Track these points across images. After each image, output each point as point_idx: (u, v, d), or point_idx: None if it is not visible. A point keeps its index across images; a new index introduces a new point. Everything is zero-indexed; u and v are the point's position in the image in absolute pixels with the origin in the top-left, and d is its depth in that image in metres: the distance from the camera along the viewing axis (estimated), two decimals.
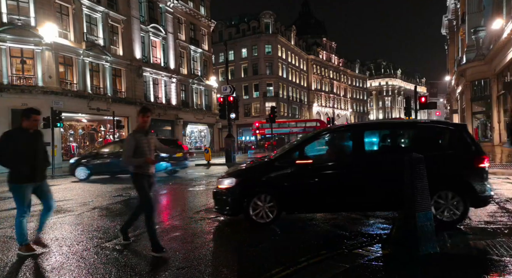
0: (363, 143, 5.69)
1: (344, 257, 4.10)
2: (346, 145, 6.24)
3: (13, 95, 21.48)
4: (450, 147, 5.74)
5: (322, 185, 5.52)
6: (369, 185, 5.42)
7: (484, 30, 20.79)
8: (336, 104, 79.83)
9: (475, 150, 5.41)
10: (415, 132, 6.14)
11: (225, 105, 20.74)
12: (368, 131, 6.04)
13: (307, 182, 5.51)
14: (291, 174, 5.52)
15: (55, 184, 13.39)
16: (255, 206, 5.49)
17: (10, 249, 4.84)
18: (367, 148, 5.84)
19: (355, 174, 5.47)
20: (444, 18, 39.51)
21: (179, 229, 5.76)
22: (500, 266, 3.57)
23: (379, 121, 9.05)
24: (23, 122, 4.42)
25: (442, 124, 6.45)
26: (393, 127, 6.34)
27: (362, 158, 5.61)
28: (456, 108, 34.10)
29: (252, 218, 5.48)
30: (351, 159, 5.68)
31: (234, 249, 4.68)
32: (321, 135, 6.17)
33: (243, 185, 5.64)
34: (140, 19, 30.90)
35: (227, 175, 5.96)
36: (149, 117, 4.73)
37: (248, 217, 5.51)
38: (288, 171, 5.56)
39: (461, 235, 4.87)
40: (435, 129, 6.11)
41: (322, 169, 5.61)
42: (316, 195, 5.53)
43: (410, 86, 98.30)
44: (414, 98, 21.78)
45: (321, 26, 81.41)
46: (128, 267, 4.02)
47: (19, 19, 21.94)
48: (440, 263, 3.73)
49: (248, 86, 58.85)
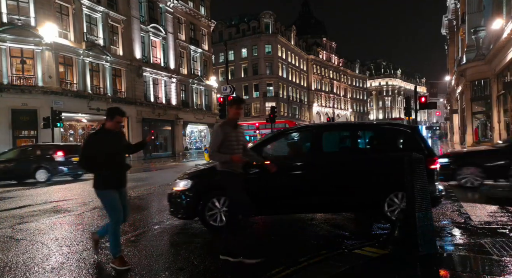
0: (321, 144, 5.73)
1: (344, 257, 4.09)
2: (305, 145, 6.19)
3: (13, 95, 21.48)
4: (405, 148, 5.87)
5: (280, 186, 5.38)
6: (327, 186, 5.43)
7: (484, 30, 20.78)
8: (336, 104, 79.84)
9: (427, 151, 5.53)
10: (372, 133, 6.19)
11: (225, 105, 20.74)
12: (326, 133, 6.07)
13: (265, 184, 5.32)
14: (250, 175, 5.25)
15: (55, 184, 13.39)
16: (211, 209, 5.32)
17: (10, 249, 4.83)
18: (326, 149, 5.84)
19: (313, 175, 5.43)
20: (444, 18, 39.49)
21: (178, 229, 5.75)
22: (500, 266, 3.57)
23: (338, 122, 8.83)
24: (106, 123, 4.05)
25: (398, 126, 6.65)
26: (350, 129, 6.35)
27: (320, 158, 5.58)
28: (456, 108, 34.08)
29: (208, 221, 5.30)
30: (309, 160, 5.60)
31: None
32: (282, 135, 6.10)
33: (199, 187, 5.43)
34: (140, 19, 30.90)
35: (184, 177, 5.72)
36: (242, 110, 4.38)
37: (204, 220, 5.33)
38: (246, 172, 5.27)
39: (461, 235, 4.87)
40: (391, 131, 6.23)
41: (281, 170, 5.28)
42: (274, 197, 5.39)
43: (410, 86, 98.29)
44: (414, 98, 21.77)
45: (321, 26, 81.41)
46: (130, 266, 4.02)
47: (19, 19, 21.95)
48: (440, 263, 3.73)
49: (248, 86, 58.86)
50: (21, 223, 6.45)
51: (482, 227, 5.18)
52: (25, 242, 5.18)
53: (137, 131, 29.92)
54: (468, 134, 23.94)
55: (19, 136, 22.47)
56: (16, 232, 5.83)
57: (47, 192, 10.84)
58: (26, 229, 5.96)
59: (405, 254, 3.92)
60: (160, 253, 4.50)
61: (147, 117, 31.23)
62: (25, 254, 4.61)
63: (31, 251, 4.73)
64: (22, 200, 9.38)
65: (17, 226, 6.22)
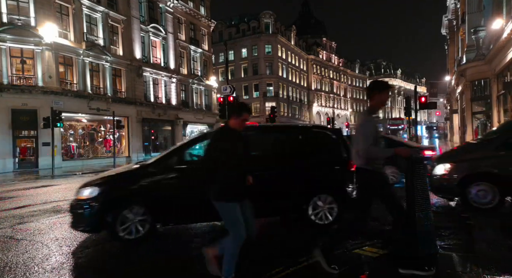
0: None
1: (344, 257, 4.10)
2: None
3: (13, 95, 21.46)
4: (328, 151, 5.93)
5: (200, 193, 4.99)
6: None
7: (484, 30, 20.77)
8: (336, 104, 79.85)
9: (347, 154, 5.58)
10: (294, 136, 6.11)
11: (225, 105, 20.73)
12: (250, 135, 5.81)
13: (186, 190, 4.91)
14: (169, 181, 4.95)
15: (55, 184, 13.40)
16: (123, 220, 4.71)
17: (10, 249, 4.83)
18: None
19: None
20: (444, 18, 39.49)
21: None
22: (499, 265, 3.57)
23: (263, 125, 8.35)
24: (231, 120, 3.45)
25: (322, 129, 6.70)
26: (276, 131, 6.18)
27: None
28: (456, 108, 34.07)
29: (119, 235, 4.70)
30: None
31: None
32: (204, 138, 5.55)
33: (108, 195, 4.85)
34: (140, 19, 30.89)
35: (89, 183, 5.10)
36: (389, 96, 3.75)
37: (114, 233, 4.73)
38: (165, 177, 4.99)
39: (461, 235, 4.87)
40: (316, 134, 6.24)
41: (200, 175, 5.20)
42: (196, 204, 4.83)
43: (410, 86, 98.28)
44: (414, 98, 21.77)
45: (321, 26, 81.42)
46: (130, 266, 4.02)
47: (19, 19, 21.93)
48: (440, 263, 3.73)
49: (248, 86, 58.87)
50: (21, 223, 6.45)
51: (483, 227, 5.15)
52: (25, 242, 5.18)
53: (137, 131, 29.92)
54: (468, 134, 23.94)
55: (19, 136, 22.46)
56: (16, 232, 5.83)
57: (47, 192, 10.84)
58: (26, 229, 5.96)
59: (405, 254, 3.92)
60: None
61: (147, 117, 31.22)
62: (25, 254, 4.61)
63: (31, 251, 4.73)
64: (22, 200, 9.38)
65: (17, 226, 6.22)
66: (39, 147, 22.06)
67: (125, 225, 4.72)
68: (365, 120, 3.61)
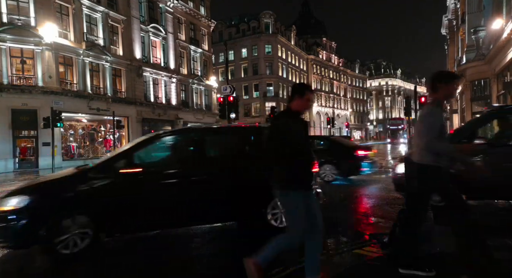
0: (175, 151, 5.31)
1: (344, 257, 4.10)
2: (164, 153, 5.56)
3: (13, 95, 21.47)
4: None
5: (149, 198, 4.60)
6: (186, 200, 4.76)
7: (484, 30, 20.78)
8: (336, 104, 79.84)
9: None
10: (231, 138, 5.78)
11: (225, 105, 20.72)
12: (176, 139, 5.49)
13: (133, 196, 4.53)
14: (114, 186, 4.49)
15: None
16: (60, 232, 4.14)
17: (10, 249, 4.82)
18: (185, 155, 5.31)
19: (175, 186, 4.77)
20: (444, 18, 39.51)
21: None
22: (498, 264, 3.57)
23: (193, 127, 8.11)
24: (294, 101, 3.13)
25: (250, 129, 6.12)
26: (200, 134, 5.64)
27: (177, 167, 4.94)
28: (456, 108, 34.08)
29: (56, 249, 4.13)
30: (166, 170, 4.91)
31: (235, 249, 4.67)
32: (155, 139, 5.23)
33: (42, 204, 4.23)
34: (140, 19, 30.89)
35: (17, 191, 4.44)
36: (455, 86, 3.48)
37: (50, 247, 4.16)
38: (109, 182, 4.50)
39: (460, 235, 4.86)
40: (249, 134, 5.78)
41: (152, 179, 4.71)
42: (144, 212, 4.55)
43: (410, 86, 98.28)
44: (414, 98, 21.81)
45: (321, 26, 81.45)
46: (130, 266, 4.02)
47: (19, 19, 21.94)
48: (440, 263, 3.73)
49: (248, 86, 58.89)
50: None
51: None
52: None
53: (137, 131, 29.92)
54: None
55: (19, 136, 22.48)
56: None
57: None
58: None
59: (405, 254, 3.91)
60: None
61: (147, 117, 31.24)
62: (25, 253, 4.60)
63: (31, 250, 4.72)
64: None
65: None
66: (39, 147, 22.08)
67: (63, 237, 4.15)
68: (430, 110, 3.34)
